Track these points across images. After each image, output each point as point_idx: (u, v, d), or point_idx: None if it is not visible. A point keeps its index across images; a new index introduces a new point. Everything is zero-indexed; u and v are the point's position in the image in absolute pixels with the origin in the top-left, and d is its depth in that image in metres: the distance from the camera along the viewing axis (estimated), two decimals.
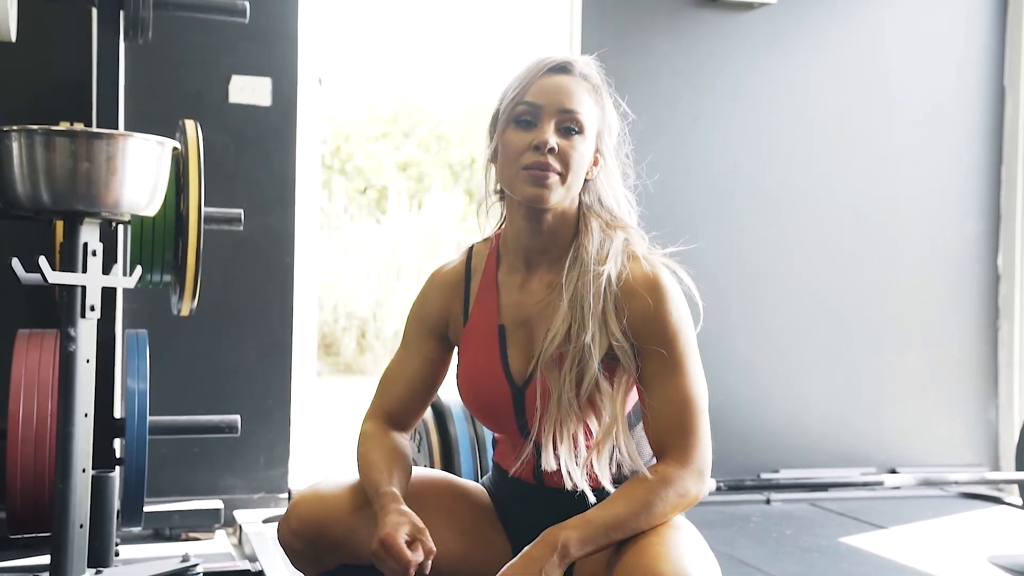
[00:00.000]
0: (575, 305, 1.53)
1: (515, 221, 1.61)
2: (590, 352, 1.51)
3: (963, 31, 4.18)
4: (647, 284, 1.55)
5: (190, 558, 2.23)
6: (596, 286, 1.53)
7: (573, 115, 1.55)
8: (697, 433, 1.53)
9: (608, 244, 1.57)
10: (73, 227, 1.94)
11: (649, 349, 1.54)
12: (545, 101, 1.54)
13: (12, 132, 1.86)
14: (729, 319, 3.88)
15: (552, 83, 1.56)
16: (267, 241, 3.29)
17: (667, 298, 1.56)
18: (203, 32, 3.19)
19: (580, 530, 1.45)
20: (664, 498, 1.48)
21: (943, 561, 2.95)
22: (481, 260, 1.69)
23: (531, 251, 1.61)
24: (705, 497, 1.59)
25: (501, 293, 1.64)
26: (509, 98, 1.58)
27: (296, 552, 1.63)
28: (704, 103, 3.85)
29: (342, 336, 8.84)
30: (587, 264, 1.55)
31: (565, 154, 1.53)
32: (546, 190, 1.52)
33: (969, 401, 4.18)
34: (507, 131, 1.56)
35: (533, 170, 1.52)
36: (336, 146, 10.18)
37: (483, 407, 1.65)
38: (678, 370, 1.55)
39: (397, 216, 9.39)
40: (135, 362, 2.40)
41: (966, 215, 4.17)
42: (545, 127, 1.53)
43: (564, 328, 1.53)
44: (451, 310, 1.69)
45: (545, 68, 1.57)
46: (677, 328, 1.56)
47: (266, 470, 3.30)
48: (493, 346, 1.62)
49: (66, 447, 1.94)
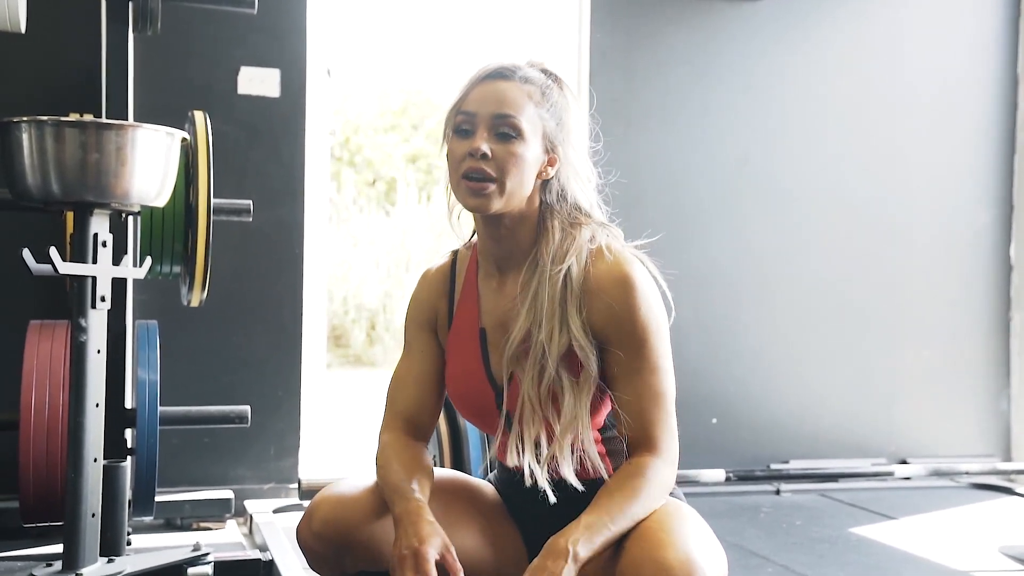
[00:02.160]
0: (534, 304, 1.55)
1: (479, 229, 1.64)
2: (549, 350, 1.52)
3: (975, 20, 4.15)
4: (613, 280, 1.54)
5: (201, 547, 2.24)
6: (551, 286, 1.54)
7: (507, 119, 1.54)
8: (663, 426, 1.54)
9: (568, 242, 1.57)
10: (83, 218, 1.94)
11: (618, 345, 1.54)
12: (479, 108, 1.55)
13: (22, 123, 1.87)
14: (740, 310, 3.87)
15: (488, 90, 1.56)
16: (276, 233, 3.29)
17: (636, 294, 1.54)
18: (212, 23, 3.19)
19: (584, 532, 1.44)
20: (652, 487, 1.49)
21: (954, 552, 2.94)
22: (464, 264, 1.71)
23: (498, 255, 1.63)
24: (714, 485, 1.59)
25: (481, 297, 1.66)
26: (451, 109, 1.59)
27: (316, 554, 1.61)
28: (715, 94, 3.83)
29: (351, 328, 8.85)
30: (544, 264, 1.56)
31: (500, 159, 1.53)
32: (484, 199, 1.53)
33: (980, 391, 4.16)
34: (450, 142, 1.58)
35: (471, 180, 1.53)
36: (345, 138, 10.19)
37: (470, 408, 1.67)
38: (649, 366, 1.54)
39: (406, 208, 9.39)
40: (146, 353, 2.40)
41: (979, 205, 4.15)
42: (480, 134, 1.54)
43: (525, 327, 1.55)
44: (438, 310, 1.70)
45: (482, 76, 1.58)
46: (646, 324, 1.54)
47: (276, 461, 3.31)
48: (475, 349, 1.64)
49: (78, 437, 1.94)
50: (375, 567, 1.59)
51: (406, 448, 1.63)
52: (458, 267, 1.71)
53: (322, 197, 3.73)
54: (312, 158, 3.40)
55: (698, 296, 3.75)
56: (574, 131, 1.62)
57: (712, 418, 3.80)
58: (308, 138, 3.35)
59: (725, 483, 3.64)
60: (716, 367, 3.81)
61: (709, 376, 3.78)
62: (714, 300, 3.81)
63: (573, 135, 1.62)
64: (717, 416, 3.81)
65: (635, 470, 1.50)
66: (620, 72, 3.71)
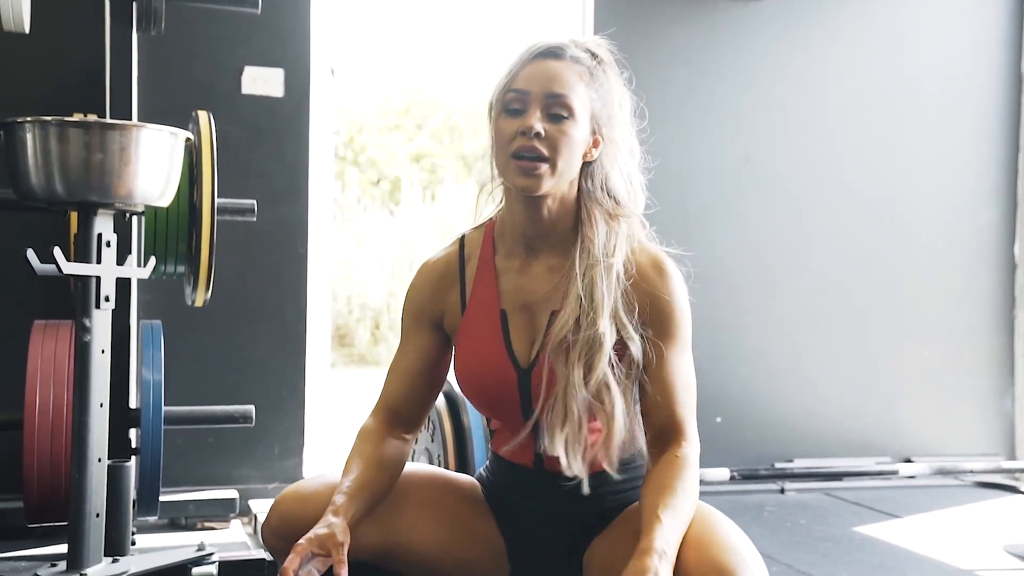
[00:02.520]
0: (586, 296, 1.53)
1: (514, 208, 1.61)
2: (599, 344, 1.51)
3: (978, 18, 4.15)
4: (654, 267, 1.58)
5: (205, 547, 2.24)
6: (608, 279, 1.54)
7: (560, 99, 1.54)
8: (692, 411, 1.57)
9: (614, 237, 1.57)
10: (87, 218, 1.95)
11: (655, 329, 1.56)
12: (532, 87, 1.54)
13: (26, 123, 1.87)
14: (743, 309, 3.87)
15: (540, 68, 1.55)
16: (280, 232, 3.29)
17: (673, 281, 1.58)
18: (215, 23, 3.19)
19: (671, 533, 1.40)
20: (696, 475, 1.52)
21: (958, 550, 2.94)
22: (475, 247, 1.68)
23: (531, 236, 1.61)
24: (718, 484, 1.61)
25: (500, 278, 1.64)
26: (500, 87, 1.58)
27: (277, 551, 1.64)
28: (717, 93, 3.83)
29: (356, 327, 8.86)
30: (596, 256, 1.55)
31: (553, 139, 1.52)
32: (535, 179, 1.52)
33: (985, 390, 4.16)
34: (498, 120, 1.57)
35: (522, 160, 1.52)
36: (349, 137, 10.19)
37: (486, 392, 1.63)
38: (681, 350, 1.58)
39: (410, 207, 9.39)
40: (150, 352, 2.41)
41: (982, 203, 4.14)
42: (532, 113, 1.53)
43: (574, 317, 1.53)
44: (446, 300, 1.68)
45: (534, 54, 1.57)
46: (682, 312, 1.58)
47: (281, 460, 3.31)
48: (496, 331, 1.62)
49: (82, 437, 1.95)
50: None
51: (375, 438, 1.64)
52: (467, 251, 1.69)
53: (326, 196, 3.73)
54: (316, 157, 3.40)
55: (701, 295, 3.70)
56: (618, 113, 1.63)
57: (716, 417, 3.80)
58: (312, 137, 3.35)
59: (729, 482, 3.64)
60: (720, 366, 3.81)
61: (713, 375, 3.77)
62: (717, 299, 3.81)
63: (617, 117, 1.62)
64: (721, 415, 3.80)
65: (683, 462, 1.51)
66: (623, 70, 3.70)
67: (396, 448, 1.66)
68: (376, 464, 1.61)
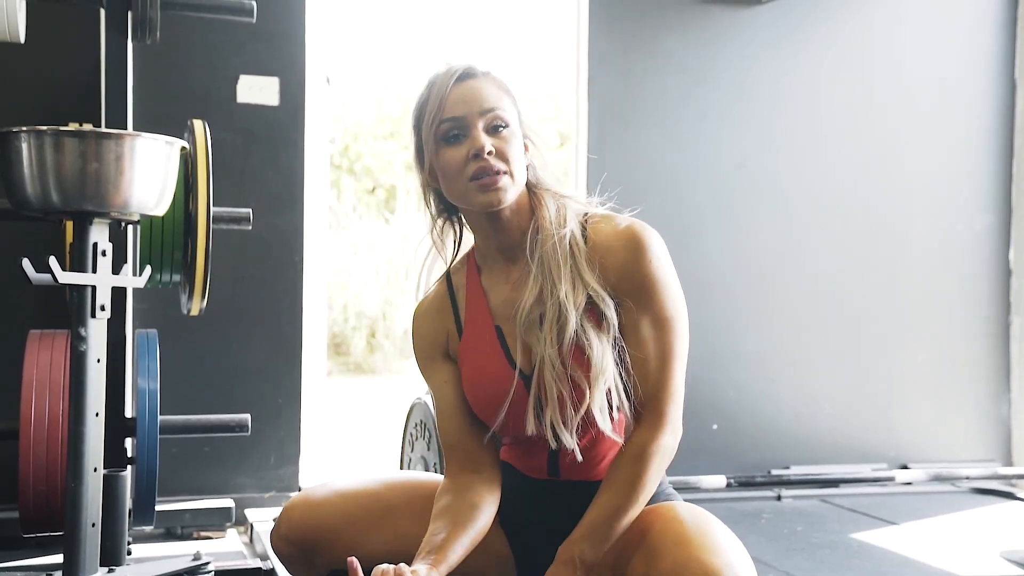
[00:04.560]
0: (543, 268, 1.55)
1: (478, 228, 1.64)
2: (566, 306, 1.52)
3: (973, 25, 4.16)
4: (622, 236, 1.56)
5: (201, 556, 2.23)
6: (561, 247, 1.55)
7: (494, 112, 1.56)
8: (670, 387, 1.54)
9: (564, 210, 1.60)
10: (83, 227, 1.94)
11: (630, 301, 1.54)
12: (465, 110, 1.56)
13: (21, 133, 1.86)
14: (738, 315, 3.87)
15: (465, 90, 1.57)
16: (276, 241, 3.29)
17: (646, 248, 1.55)
18: (211, 32, 3.20)
19: (589, 536, 1.47)
20: (649, 470, 1.50)
21: (955, 557, 2.94)
22: (461, 277, 1.71)
23: (503, 246, 1.64)
24: (714, 491, 1.60)
25: (489, 296, 1.66)
26: (429, 121, 1.58)
27: (287, 558, 1.66)
28: (712, 99, 3.84)
29: (352, 335, 8.85)
30: (548, 230, 1.57)
31: (502, 151, 1.55)
32: (499, 192, 1.55)
33: (981, 396, 4.16)
34: (440, 152, 1.58)
35: (481, 179, 1.54)
36: (345, 145, 10.19)
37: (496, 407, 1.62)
38: (660, 321, 1.54)
39: (406, 215, 9.40)
40: (145, 362, 2.40)
41: (977, 209, 4.15)
42: (476, 134, 1.55)
43: (535, 292, 1.55)
44: (446, 331, 1.70)
45: (454, 78, 1.58)
46: (658, 278, 1.55)
47: (276, 469, 3.31)
48: (494, 345, 1.63)
49: (78, 446, 1.94)
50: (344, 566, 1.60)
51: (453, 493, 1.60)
52: (455, 283, 1.71)
53: (322, 205, 3.73)
54: (311, 166, 3.40)
55: (696, 301, 3.71)
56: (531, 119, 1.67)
57: (713, 424, 3.80)
58: (307, 146, 3.35)
59: (726, 489, 3.64)
60: (716, 373, 3.81)
61: (709, 382, 3.77)
62: (713, 305, 3.81)
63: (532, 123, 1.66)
64: (717, 422, 3.80)
65: (639, 451, 1.51)
66: (618, 77, 3.71)
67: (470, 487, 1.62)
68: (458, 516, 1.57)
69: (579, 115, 3.73)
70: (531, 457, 1.65)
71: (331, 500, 1.62)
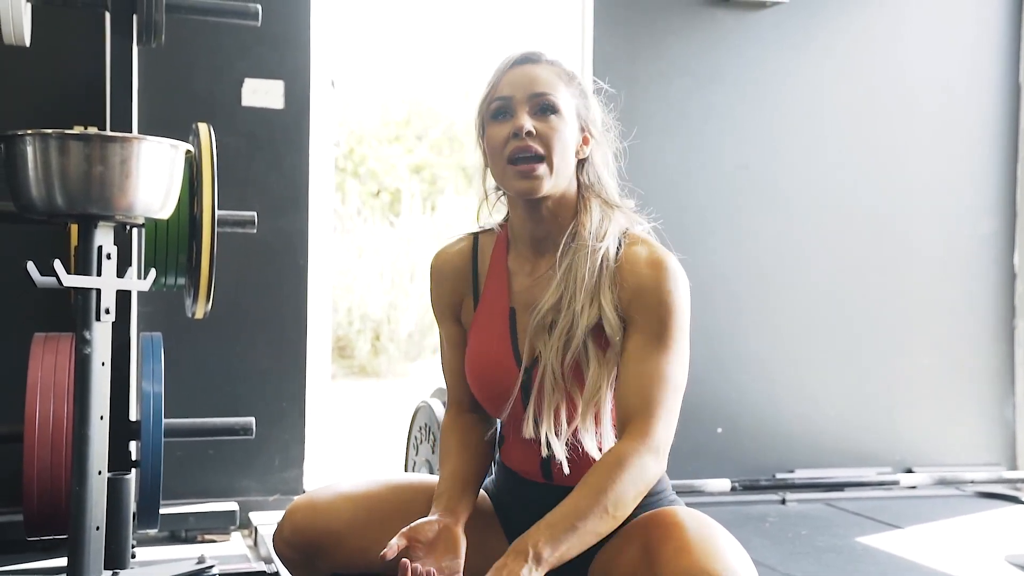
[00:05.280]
0: (568, 277, 1.55)
1: (518, 213, 1.64)
2: (578, 322, 1.53)
3: (977, 28, 4.16)
4: (648, 261, 1.56)
5: (206, 560, 2.23)
6: (592, 261, 1.55)
7: (545, 96, 1.57)
8: (661, 409, 1.50)
9: (607, 223, 1.59)
10: (87, 230, 1.95)
11: (638, 321, 1.53)
12: (515, 91, 1.57)
13: (26, 136, 1.87)
14: (742, 319, 3.87)
15: (520, 73, 1.58)
16: (281, 244, 3.30)
17: (668, 275, 1.55)
18: (215, 35, 3.20)
19: (546, 532, 1.43)
20: (622, 480, 1.45)
21: (960, 561, 2.93)
22: (488, 245, 1.70)
23: (535, 238, 1.63)
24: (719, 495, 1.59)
25: (512, 278, 1.66)
26: (483, 100, 1.61)
27: (289, 561, 1.65)
28: (716, 103, 3.84)
29: (356, 338, 8.85)
30: (585, 239, 1.57)
31: (544, 135, 1.55)
32: (535, 181, 1.54)
33: (986, 400, 4.15)
34: (488, 130, 1.59)
35: (520, 163, 1.54)
36: (349, 148, 10.20)
37: (490, 388, 1.65)
38: (663, 346, 1.53)
39: (410, 218, 9.40)
40: (150, 365, 2.40)
41: (982, 213, 4.15)
42: (520, 114, 1.55)
43: (555, 298, 1.56)
44: (461, 293, 1.71)
45: (512, 62, 1.60)
46: (673, 306, 1.54)
47: (281, 472, 3.31)
48: (504, 328, 1.64)
49: (82, 450, 1.94)
50: (346, 570, 1.60)
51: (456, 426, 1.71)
52: (480, 249, 1.71)
53: (326, 208, 3.73)
54: (316, 169, 3.41)
55: (700, 304, 3.70)
56: (599, 116, 1.67)
57: (717, 428, 3.80)
58: (312, 149, 3.35)
59: (730, 492, 3.64)
60: (720, 376, 3.80)
61: (713, 386, 3.77)
62: (717, 308, 3.81)
63: (599, 119, 1.66)
64: (722, 426, 3.80)
65: (614, 460, 1.47)
66: (622, 80, 3.70)
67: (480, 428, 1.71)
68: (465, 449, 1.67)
69: None
70: (527, 461, 1.66)
71: (334, 503, 1.62)
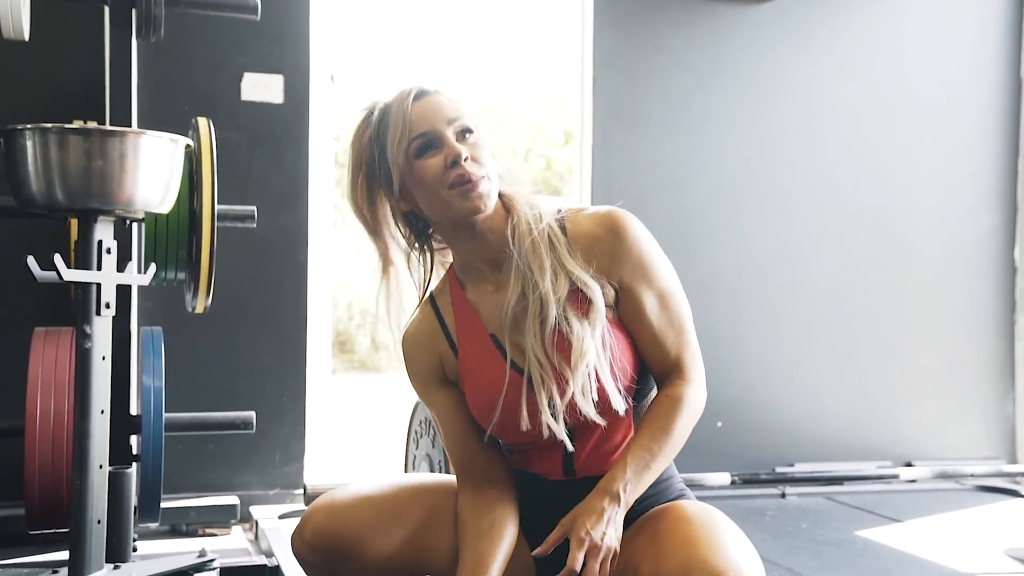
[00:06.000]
0: (524, 265, 1.56)
1: (459, 243, 1.63)
2: (547, 301, 1.54)
3: (978, 24, 4.15)
4: (603, 223, 1.58)
5: (207, 553, 2.24)
6: (542, 240, 1.57)
7: (461, 120, 1.57)
8: (693, 349, 1.63)
9: (537, 207, 1.61)
10: (87, 225, 1.95)
11: (629, 283, 1.57)
12: (432, 124, 1.56)
13: (26, 131, 1.87)
14: (743, 314, 3.87)
15: (425, 105, 1.57)
16: (281, 239, 3.30)
17: (630, 229, 1.58)
18: (215, 30, 3.20)
19: (628, 472, 1.50)
20: (683, 416, 1.57)
21: (960, 554, 2.94)
22: (445, 297, 1.70)
23: (488, 258, 1.63)
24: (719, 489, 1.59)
25: (478, 309, 1.65)
26: (395, 141, 1.56)
27: (309, 564, 1.63)
28: (716, 99, 3.84)
29: (356, 333, 8.86)
30: (525, 229, 1.58)
31: (476, 157, 1.56)
32: (482, 197, 1.55)
33: (986, 394, 4.16)
34: (415, 168, 1.56)
35: (461, 186, 1.53)
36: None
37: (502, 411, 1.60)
38: (664, 297, 1.59)
39: None
40: (150, 359, 2.40)
41: (982, 208, 4.15)
42: (448, 143, 1.55)
43: (518, 289, 1.56)
44: (439, 355, 1.68)
45: (411, 98, 1.58)
46: (651, 255, 1.59)
47: (281, 466, 3.31)
48: (493, 354, 1.62)
49: (83, 444, 1.95)
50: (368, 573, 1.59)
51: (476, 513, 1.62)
52: (440, 303, 1.70)
53: (326, 203, 3.73)
54: (316, 164, 3.41)
55: (700, 300, 3.71)
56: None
57: (717, 422, 3.80)
58: (312, 144, 3.35)
59: (730, 487, 3.64)
60: (720, 371, 3.80)
61: (713, 380, 3.72)
62: (717, 304, 3.81)
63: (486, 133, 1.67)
64: (722, 420, 3.80)
65: (669, 401, 1.57)
66: (623, 76, 3.71)
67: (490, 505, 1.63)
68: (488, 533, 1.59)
69: (584, 114, 3.73)
70: (545, 460, 1.64)
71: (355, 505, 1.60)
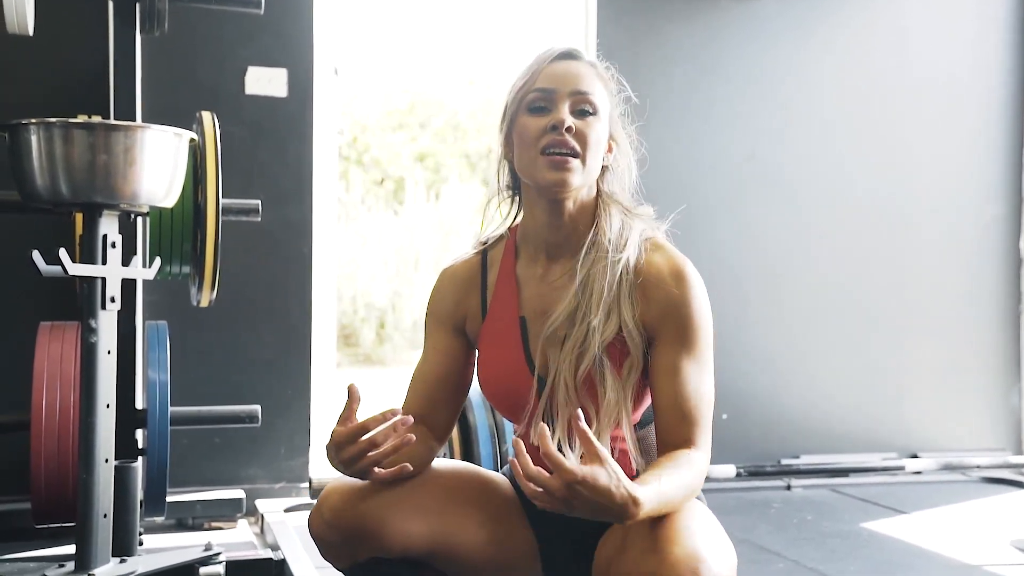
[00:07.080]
0: (586, 288, 1.53)
1: (535, 214, 1.60)
2: (593, 336, 1.51)
3: (982, 14, 4.14)
4: (672, 273, 1.54)
5: (212, 547, 2.25)
6: (612, 273, 1.52)
7: (586, 96, 1.55)
8: (708, 426, 1.56)
9: (627, 232, 1.56)
10: (92, 219, 1.95)
11: (669, 338, 1.53)
12: (557, 85, 1.54)
13: (31, 125, 1.87)
14: (747, 306, 3.87)
15: (562, 68, 1.56)
16: (285, 232, 3.30)
17: (692, 289, 1.55)
18: (219, 24, 3.20)
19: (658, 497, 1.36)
20: (697, 481, 1.49)
21: (965, 546, 2.94)
22: (497, 255, 1.67)
23: (551, 242, 1.60)
24: (724, 480, 1.59)
25: (521, 286, 1.63)
26: (519, 88, 1.57)
27: (329, 544, 1.60)
28: (720, 91, 3.83)
29: (361, 327, 8.86)
30: (604, 249, 1.54)
31: (582, 134, 1.52)
32: (567, 173, 1.51)
33: (991, 385, 4.15)
34: (521, 119, 1.56)
35: (553, 155, 1.51)
36: (353, 137, 10.19)
37: (508, 400, 1.62)
38: (696, 363, 1.55)
39: (414, 207, 9.40)
40: (155, 353, 2.41)
41: (987, 198, 4.14)
42: (561, 108, 1.53)
43: (570, 309, 1.53)
44: (468, 305, 1.67)
45: (554, 55, 1.58)
46: (700, 320, 1.55)
47: (287, 460, 3.32)
48: (515, 338, 1.61)
49: (89, 438, 1.95)
50: (387, 554, 1.59)
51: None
52: (490, 258, 1.68)
53: (330, 196, 3.73)
54: (320, 157, 3.40)
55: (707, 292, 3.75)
56: (623, 122, 1.64)
57: (722, 414, 3.79)
58: (316, 137, 3.35)
59: (736, 479, 3.64)
60: (725, 363, 3.76)
61: (719, 372, 3.71)
62: (722, 296, 3.78)
63: (622, 126, 1.63)
64: (727, 412, 3.80)
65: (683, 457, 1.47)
66: (626, 69, 3.68)
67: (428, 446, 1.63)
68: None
69: None
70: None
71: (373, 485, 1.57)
